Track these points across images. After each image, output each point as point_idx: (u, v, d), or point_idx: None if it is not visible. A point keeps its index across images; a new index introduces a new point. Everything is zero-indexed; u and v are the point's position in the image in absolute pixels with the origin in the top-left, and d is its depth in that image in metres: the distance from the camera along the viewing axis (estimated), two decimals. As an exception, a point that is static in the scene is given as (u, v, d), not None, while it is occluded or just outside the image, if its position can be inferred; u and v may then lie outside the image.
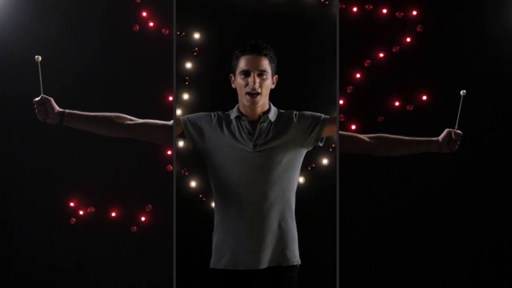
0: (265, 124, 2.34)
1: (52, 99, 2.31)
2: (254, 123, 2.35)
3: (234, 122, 2.36)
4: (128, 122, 2.35)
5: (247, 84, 2.32)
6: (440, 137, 2.40)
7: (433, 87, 2.84)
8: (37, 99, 2.30)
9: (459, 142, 2.38)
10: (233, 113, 2.38)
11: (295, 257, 2.30)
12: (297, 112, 2.39)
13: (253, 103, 2.32)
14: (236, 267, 2.25)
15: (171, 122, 2.37)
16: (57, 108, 2.31)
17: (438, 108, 2.83)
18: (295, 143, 2.32)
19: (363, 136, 2.43)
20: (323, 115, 2.36)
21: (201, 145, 2.34)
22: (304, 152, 2.36)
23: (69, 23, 2.79)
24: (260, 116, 2.36)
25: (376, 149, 2.42)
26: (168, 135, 2.38)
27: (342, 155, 2.58)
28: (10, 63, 2.77)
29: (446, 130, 2.39)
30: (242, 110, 2.37)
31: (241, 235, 2.26)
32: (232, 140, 2.33)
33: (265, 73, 2.31)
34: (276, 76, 2.38)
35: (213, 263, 2.28)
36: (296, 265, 2.30)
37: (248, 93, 2.32)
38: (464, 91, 2.43)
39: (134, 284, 2.82)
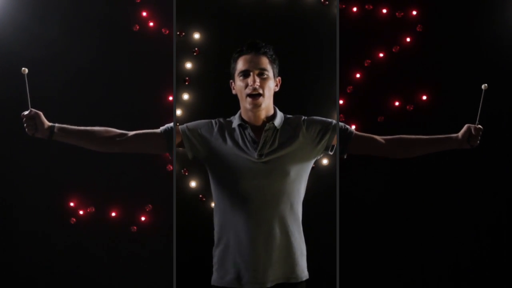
0: (270, 132, 2.18)
1: (41, 113, 2.20)
2: (258, 130, 2.19)
3: (237, 130, 2.21)
4: (118, 138, 2.24)
5: (247, 86, 2.17)
6: (460, 133, 2.27)
7: (433, 87, 2.84)
8: (25, 113, 2.19)
9: (479, 138, 2.27)
10: (235, 121, 2.23)
11: (304, 272, 2.19)
12: (306, 118, 2.24)
13: (256, 106, 2.16)
14: (242, 286, 2.13)
15: (159, 130, 2.26)
16: (46, 122, 2.21)
17: (438, 108, 2.83)
18: (303, 152, 2.17)
19: (380, 138, 2.30)
20: (334, 121, 2.23)
21: (202, 155, 2.21)
22: (312, 161, 2.22)
23: (69, 23, 2.78)
24: (264, 123, 2.20)
25: (394, 152, 2.31)
26: (160, 144, 2.25)
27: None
28: (10, 63, 2.77)
29: (466, 126, 2.27)
30: (244, 116, 2.22)
31: (246, 251, 2.12)
32: (236, 150, 2.17)
33: (266, 72, 2.17)
34: (279, 78, 2.25)
35: (216, 280, 2.17)
36: (305, 280, 2.20)
37: (249, 95, 2.16)
38: (486, 85, 2.33)
39: (134, 284, 2.82)
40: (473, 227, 2.86)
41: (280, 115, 2.23)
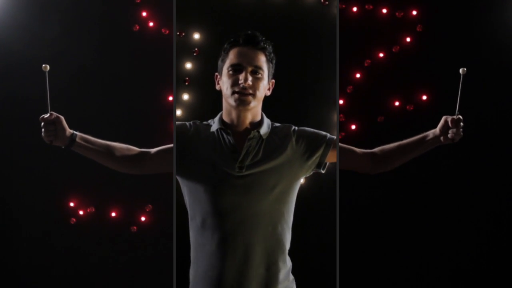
0: (254, 141, 1.89)
1: (63, 118, 1.93)
2: (240, 138, 1.90)
3: (215, 135, 1.91)
4: (140, 157, 2.00)
5: (236, 82, 1.87)
6: (438, 127, 2.03)
7: (433, 87, 2.84)
8: (46, 116, 1.91)
9: (461, 130, 2.01)
10: (215, 124, 1.93)
11: None
12: (297, 128, 1.96)
13: (243, 103, 1.86)
14: None
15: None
16: (68, 129, 1.93)
17: (438, 108, 2.83)
18: (291, 167, 1.89)
19: (359, 150, 2.07)
20: (328, 135, 1.96)
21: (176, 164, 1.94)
22: (301, 179, 1.95)
23: (69, 23, 2.78)
24: (248, 130, 1.91)
25: (374, 165, 2.06)
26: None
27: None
28: (10, 63, 2.77)
29: (443, 118, 2.03)
30: (226, 119, 1.93)
31: (220, 278, 1.84)
32: (212, 159, 1.86)
33: (261, 71, 1.90)
34: (273, 81, 2.00)
35: None
36: None
37: (236, 92, 1.87)
38: (464, 69, 2.14)
39: (134, 284, 2.82)
40: (474, 228, 2.86)
41: (267, 123, 1.95)
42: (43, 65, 2.00)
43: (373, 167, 2.07)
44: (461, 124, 2.01)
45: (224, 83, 1.92)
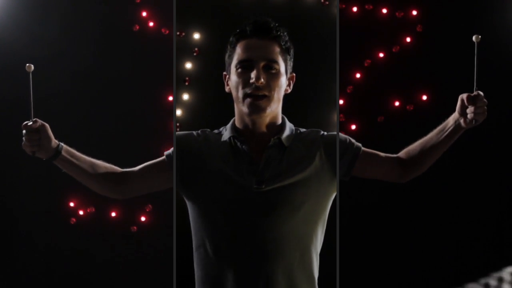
0: (275, 150, 1.59)
1: (48, 126, 1.65)
2: (258, 147, 1.60)
3: (228, 145, 1.61)
4: (122, 177, 1.74)
5: (247, 82, 1.58)
6: (456, 109, 1.72)
7: (433, 87, 2.84)
8: (29, 123, 1.63)
9: (481, 110, 1.67)
10: (227, 132, 1.64)
11: None
12: (325, 133, 1.68)
13: (257, 109, 1.56)
14: None
15: (164, 156, 1.75)
16: (54, 139, 1.67)
17: (438, 108, 2.83)
18: (320, 181, 1.58)
19: (383, 155, 1.76)
20: (355, 144, 1.69)
21: (178, 180, 1.66)
22: (334, 194, 1.63)
23: (69, 23, 2.78)
24: (267, 137, 1.61)
25: (404, 170, 1.76)
26: (169, 174, 1.70)
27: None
28: (10, 63, 2.76)
29: (459, 97, 1.72)
30: (239, 126, 1.63)
31: None
32: (225, 174, 1.57)
33: (276, 65, 1.61)
34: (293, 74, 1.76)
35: None
36: None
37: (249, 95, 1.58)
38: (479, 36, 1.92)
39: (134, 284, 2.82)
40: (475, 229, 2.86)
41: (289, 128, 1.66)
42: (27, 65, 1.79)
43: (404, 173, 1.76)
44: (484, 101, 1.67)
45: (233, 84, 1.62)
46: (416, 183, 2.84)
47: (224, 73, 1.70)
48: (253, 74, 1.57)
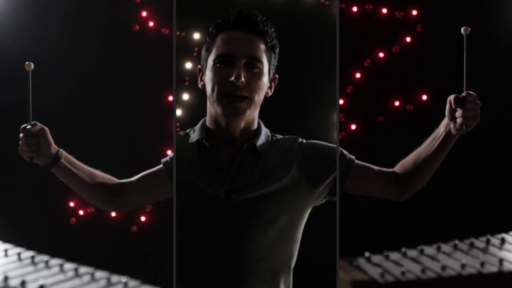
0: (248, 156, 1.40)
1: (48, 130, 1.53)
2: (230, 152, 1.42)
3: (196, 147, 1.42)
4: (119, 189, 1.63)
5: (225, 80, 1.38)
6: (445, 113, 1.57)
7: (433, 87, 2.84)
8: (28, 126, 1.51)
9: (472, 113, 1.50)
10: (195, 133, 1.45)
11: None
12: (304, 141, 1.48)
13: (234, 112, 1.36)
14: None
15: (161, 165, 1.64)
16: (54, 144, 1.56)
17: (438, 108, 2.82)
18: (297, 193, 1.41)
19: (377, 168, 1.59)
20: (348, 155, 1.49)
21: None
22: (309, 209, 1.48)
23: (69, 23, 2.79)
24: (240, 142, 1.42)
25: (400, 187, 1.62)
26: (167, 182, 1.56)
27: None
28: (10, 63, 2.77)
29: (448, 99, 1.57)
30: (211, 126, 1.45)
31: None
32: (192, 180, 1.38)
33: (259, 64, 1.42)
34: (276, 76, 1.57)
35: None
36: None
37: (226, 94, 1.39)
38: (468, 28, 1.71)
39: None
40: (476, 229, 2.86)
41: (265, 133, 1.47)
42: (26, 63, 1.66)
43: (400, 191, 1.62)
44: (476, 102, 1.49)
45: (209, 81, 1.43)
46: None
47: (199, 66, 1.50)
48: (232, 72, 1.39)
